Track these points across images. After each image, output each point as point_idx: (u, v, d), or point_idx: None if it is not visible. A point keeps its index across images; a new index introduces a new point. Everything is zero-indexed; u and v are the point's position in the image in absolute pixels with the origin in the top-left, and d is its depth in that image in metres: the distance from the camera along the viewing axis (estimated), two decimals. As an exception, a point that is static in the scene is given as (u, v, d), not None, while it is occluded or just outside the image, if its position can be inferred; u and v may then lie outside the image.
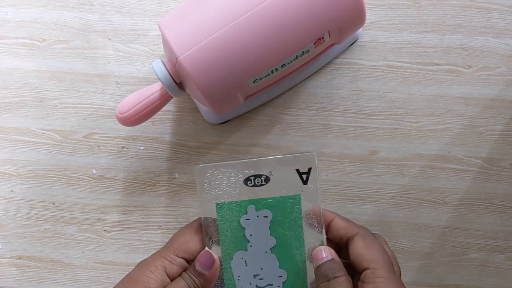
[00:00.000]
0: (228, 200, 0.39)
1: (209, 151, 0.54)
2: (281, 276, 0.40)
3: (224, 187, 0.39)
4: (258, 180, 0.39)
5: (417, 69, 0.53)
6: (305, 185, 0.39)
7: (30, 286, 0.55)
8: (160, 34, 0.44)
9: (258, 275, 0.40)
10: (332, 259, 0.39)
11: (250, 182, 0.39)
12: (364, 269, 0.39)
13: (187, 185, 0.54)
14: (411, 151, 0.53)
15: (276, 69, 0.45)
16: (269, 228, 0.40)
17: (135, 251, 0.54)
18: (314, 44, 0.44)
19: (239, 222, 0.40)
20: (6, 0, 0.55)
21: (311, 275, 0.40)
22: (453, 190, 0.53)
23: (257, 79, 0.45)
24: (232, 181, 0.39)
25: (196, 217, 0.54)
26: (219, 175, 0.39)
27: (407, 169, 0.53)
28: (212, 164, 0.40)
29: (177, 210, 0.54)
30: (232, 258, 0.40)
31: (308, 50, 0.45)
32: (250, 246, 0.40)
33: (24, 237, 0.55)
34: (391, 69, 0.53)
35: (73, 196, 0.55)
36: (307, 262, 0.40)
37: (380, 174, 0.53)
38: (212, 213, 0.40)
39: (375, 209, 0.53)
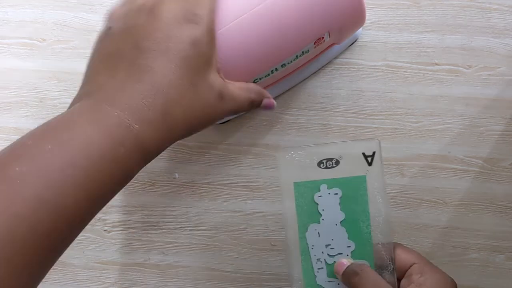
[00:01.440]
0: (304, 180, 0.45)
1: (209, 151, 0.54)
2: (349, 246, 0.45)
3: (301, 167, 0.45)
4: (329, 163, 0.45)
5: (417, 69, 0.53)
6: (370, 167, 0.44)
7: (30, 286, 0.55)
8: (160, 34, 0.44)
9: (330, 245, 0.45)
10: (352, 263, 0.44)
11: (322, 164, 0.45)
12: (411, 266, 0.43)
13: (187, 185, 0.54)
14: (411, 151, 0.53)
15: (276, 69, 0.45)
16: (339, 204, 0.45)
17: (135, 251, 0.54)
18: (314, 44, 0.44)
19: (313, 198, 0.45)
20: (6, 0, 0.55)
21: (376, 246, 0.45)
22: (453, 190, 0.53)
23: (257, 79, 0.45)
24: (307, 163, 0.45)
25: (197, 217, 0.54)
26: (297, 157, 0.45)
27: (407, 169, 0.53)
28: (292, 147, 0.48)
29: (177, 210, 0.54)
30: (307, 229, 0.45)
31: (308, 50, 0.45)
32: (323, 219, 0.45)
33: (24, 237, 0.55)
34: (391, 69, 0.53)
35: (73, 196, 0.54)
36: (372, 234, 0.45)
37: (380, 174, 0.53)
38: (290, 189, 0.45)
39: (375, 209, 0.53)
